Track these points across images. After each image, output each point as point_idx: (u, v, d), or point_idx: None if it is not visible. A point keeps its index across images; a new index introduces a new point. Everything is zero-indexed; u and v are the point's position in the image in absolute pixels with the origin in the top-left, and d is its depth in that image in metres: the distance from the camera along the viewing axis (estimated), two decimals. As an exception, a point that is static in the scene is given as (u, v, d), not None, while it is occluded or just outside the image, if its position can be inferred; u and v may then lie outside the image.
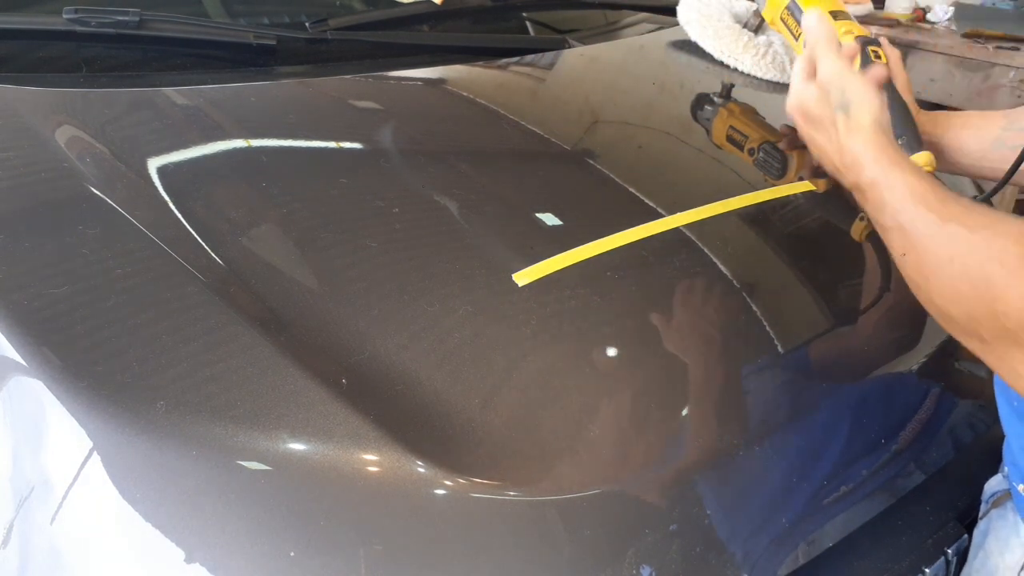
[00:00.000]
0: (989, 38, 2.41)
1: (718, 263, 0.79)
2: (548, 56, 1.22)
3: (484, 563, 0.54)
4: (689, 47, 1.28)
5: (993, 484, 0.73)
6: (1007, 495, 0.70)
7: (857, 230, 0.90)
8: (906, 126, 0.89)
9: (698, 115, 1.09)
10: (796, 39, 1.01)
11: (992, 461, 0.76)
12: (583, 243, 0.76)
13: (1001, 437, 0.71)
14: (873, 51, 0.94)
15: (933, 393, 0.79)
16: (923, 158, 0.87)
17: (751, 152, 1.00)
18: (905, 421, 0.73)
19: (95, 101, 0.89)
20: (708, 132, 1.05)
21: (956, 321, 0.58)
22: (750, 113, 1.10)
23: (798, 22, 1.00)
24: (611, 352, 0.69)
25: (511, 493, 0.56)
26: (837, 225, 0.92)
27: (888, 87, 0.92)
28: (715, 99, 1.12)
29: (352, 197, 0.82)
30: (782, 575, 0.63)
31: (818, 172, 0.98)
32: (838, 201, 0.96)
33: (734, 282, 0.78)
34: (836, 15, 0.97)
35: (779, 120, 1.09)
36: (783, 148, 1.02)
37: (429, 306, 0.68)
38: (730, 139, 1.03)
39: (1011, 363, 0.54)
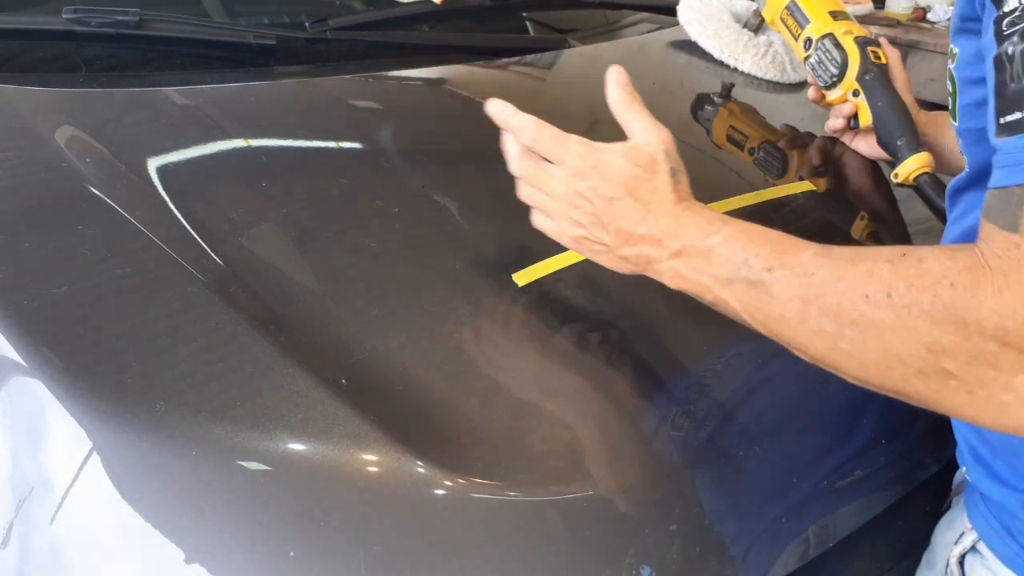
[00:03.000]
0: (989, 38, 2.41)
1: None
2: (548, 56, 1.22)
3: (484, 563, 0.54)
4: (689, 47, 1.28)
5: (958, 476, 0.75)
6: (963, 485, 0.72)
7: (858, 229, 0.90)
8: (906, 126, 0.90)
9: (698, 115, 1.10)
10: (796, 39, 1.01)
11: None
12: (583, 243, 0.76)
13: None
14: (873, 51, 0.94)
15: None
16: (922, 159, 0.87)
17: (751, 152, 1.00)
18: (906, 420, 0.73)
19: (95, 101, 0.89)
20: (708, 132, 1.05)
21: (905, 363, 0.48)
22: (750, 113, 1.10)
23: (798, 22, 1.00)
24: (611, 352, 0.69)
25: (511, 493, 0.56)
26: (837, 224, 0.92)
27: (888, 87, 0.92)
28: (715, 99, 1.13)
29: (352, 197, 0.82)
30: (782, 575, 0.63)
31: (818, 172, 0.98)
32: (838, 201, 0.96)
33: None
34: (836, 15, 0.97)
35: (779, 120, 1.09)
36: (783, 148, 1.02)
37: (429, 306, 0.68)
38: (730, 139, 1.03)
39: (989, 390, 0.45)
